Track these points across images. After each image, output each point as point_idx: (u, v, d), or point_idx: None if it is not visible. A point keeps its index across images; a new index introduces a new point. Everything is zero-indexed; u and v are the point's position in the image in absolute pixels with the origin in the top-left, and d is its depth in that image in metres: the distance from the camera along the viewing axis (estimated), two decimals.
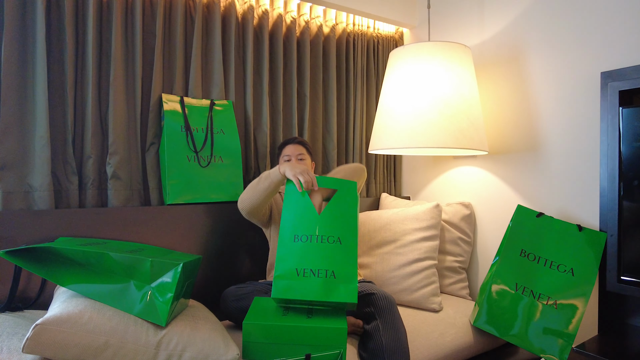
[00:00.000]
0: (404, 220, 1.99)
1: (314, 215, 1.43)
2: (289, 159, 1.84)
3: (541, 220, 1.70)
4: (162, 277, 1.21)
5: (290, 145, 1.87)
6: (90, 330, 1.07)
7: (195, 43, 1.87)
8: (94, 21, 1.64)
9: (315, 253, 1.38)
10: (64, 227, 1.50)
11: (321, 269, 1.37)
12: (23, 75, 1.53)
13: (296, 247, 1.39)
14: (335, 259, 1.38)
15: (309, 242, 1.39)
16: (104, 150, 1.69)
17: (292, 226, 1.42)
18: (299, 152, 1.85)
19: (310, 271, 1.37)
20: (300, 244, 1.39)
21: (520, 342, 1.58)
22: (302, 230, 1.41)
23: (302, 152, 1.85)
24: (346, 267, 1.37)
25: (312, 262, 1.37)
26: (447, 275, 2.06)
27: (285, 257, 1.39)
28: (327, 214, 1.43)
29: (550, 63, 1.88)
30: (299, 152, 1.85)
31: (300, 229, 1.41)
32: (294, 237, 1.40)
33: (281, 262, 1.38)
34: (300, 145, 1.88)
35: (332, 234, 1.40)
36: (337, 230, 1.41)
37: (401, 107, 1.88)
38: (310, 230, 1.41)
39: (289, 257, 1.38)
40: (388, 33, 2.55)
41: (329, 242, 1.39)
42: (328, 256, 1.38)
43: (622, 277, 1.55)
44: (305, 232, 1.40)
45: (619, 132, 1.57)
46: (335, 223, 1.42)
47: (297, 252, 1.38)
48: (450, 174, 2.31)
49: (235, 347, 1.21)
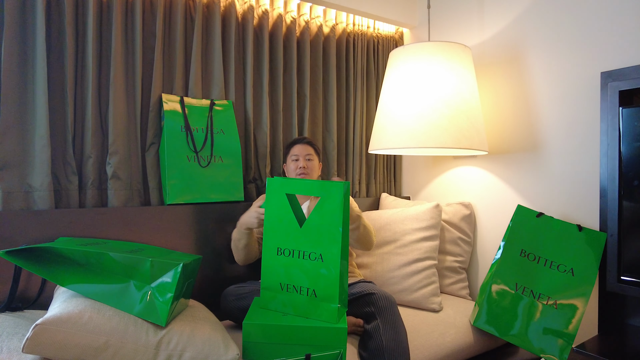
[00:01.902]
0: (404, 220, 1.99)
1: (296, 228, 1.35)
2: (296, 159, 1.82)
3: (541, 220, 1.70)
4: (162, 277, 1.21)
5: (299, 145, 1.85)
6: (90, 330, 1.07)
7: (195, 43, 1.87)
8: (94, 21, 1.64)
9: (297, 269, 1.35)
10: (64, 227, 1.50)
11: (303, 287, 1.35)
12: (23, 75, 1.53)
13: (280, 261, 1.37)
14: (317, 278, 1.33)
15: (291, 257, 1.36)
16: (104, 150, 1.69)
17: (275, 238, 1.38)
18: (307, 153, 1.83)
19: (293, 287, 1.36)
20: (283, 258, 1.37)
21: (520, 342, 1.58)
22: (284, 243, 1.37)
23: (310, 153, 1.84)
24: (327, 287, 1.31)
25: (294, 279, 1.36)
26: (447, 275, 2.06)
27: (270, 270, 1.38)
28: (309, 227, 1.34)
29: (550, 63, 1.88)
30: (307, 152, 1.83)
31: (283, 242, 1.37)
32: (277, 249, 1.38)
33: (266, 274, 1.39)
34: (309, 145, 1.86)
35: (314, 249, 1.33)
36: (319, 246, 1.32)
37: (401, 107, 1.88)
38: (292, 244, 1.36)
39: (274, 270, 1.38)
40: (388, 33, 2.55)
41: (310, 259, 1.33)
42: (310, 274, 1.34)
43: (622, 277, 1.55)
44: (288, 246, 1.36)
45: (619, 132, 1.57)
46: (317, 237, 1.33)
47: (280, 266, 1.37)
48: (450, 174, 2.31)
49: (235, 347, 1.21)
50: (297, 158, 1.82)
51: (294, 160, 1.83)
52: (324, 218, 1.32)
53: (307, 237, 1.34)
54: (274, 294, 1.38)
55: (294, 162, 1.83)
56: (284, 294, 1.37)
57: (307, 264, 1.34)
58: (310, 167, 1.81)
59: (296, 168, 1.81)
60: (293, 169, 1.82)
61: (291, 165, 1.83)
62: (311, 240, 1.33)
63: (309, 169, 1.80)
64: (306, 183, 1.37)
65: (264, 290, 1.39)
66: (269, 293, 1.39)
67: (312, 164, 1.83)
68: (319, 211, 1.32)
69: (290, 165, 1.84)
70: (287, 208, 1.37)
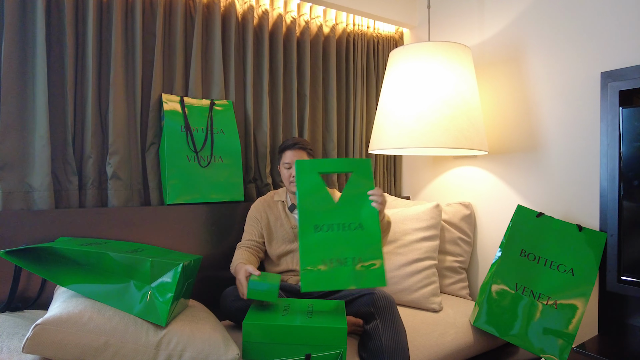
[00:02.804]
0: (404, 220, 1.99)
1: (331, 204, 1.40)
2: (289, 167, 1.74)
3: (541, 220, 1.70)
4: (162, 277, 1.21)
5: (291, 151, 1.74)
6: (90, 330, 1.07)
7: (195, 43, 1.87)
8: (94, 21, 1.64)
9: (339, 242, 1.37)
10: (64, 227, 1.50)
11: (348, 257, 1.36)
12: (23, 75, 1.53)
13: (318, 237, 1.37)
14: (360, 245, 1.37)
15: (331, 231, 1.38)
16: (104, 150, 1.69)
17: (311, 217, 1.38)
18: None
19: (337, 260, 1.35)
20: (322, 234, 1.37)
21: (520, 342, 1.58)
22: (322, 220, 1.38)
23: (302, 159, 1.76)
24: (372, 252, 1.36)
25: (337, 251, 1.36)
26: (447, 275, 2.06)
27: (310, 249, 1.35)
28: (345, 200, 1.41)
29: (550, 63, 1.88)
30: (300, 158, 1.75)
31: (320, 218, 1.39)
32: (315, 227, 1.38)
33: (307, 254, 1.35)
34: (302, 150, 1.75)
35: (353, 220, 1.39)
36: (357, 216, 1.39)
37: (401, 107, 1.88)
38: (330, 219, 1.39)
39: (314, 248, 1.36)
40: (388, 33, 2.55)
41: (351, 229, 1.38)
42: (352, 243, 1.37)
43: (622, 277, 1.55)
44: (325, 222, 1.38)
45: (619, 132, 1.57)
46: (354, 208, 1.40)
47: (320, 243, 1.36)
48: (450, 174, 2.31)
49: (235, 347, 1.21)
50: (289, 166, 1.73)
51: (286, 169, 1.74)
52: (358, 189, 1.42)
53: (344, 210, 1.40)
54: (317, 274, 1.34)
55: (286, 169, 1.74)
56: (326, 271, 1.34)
57: (348, 234, 1.38)
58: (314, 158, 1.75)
59: (289, 177, 1.73)
60: (287, 177, 1.75)
61: (284, 172, 1.76)
62: (348, 212, 1.39)
63: None
64: (336, 162, 1.46)
65: (305, 272, 1.33)
66: (311, 274, 1.33)
67: None
68: (353, 184, 1.42)
69: (283, 171, 1.77)
70: (321, 186, 1.41)
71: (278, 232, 1.75)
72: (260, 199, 1.83)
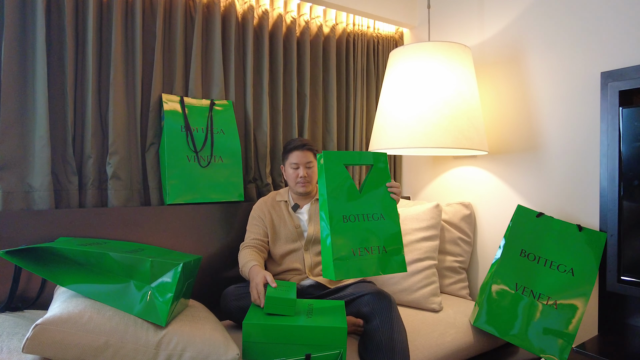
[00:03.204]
0: (404, 220, 1.99)
1: (357, 195, 1.47)
2: (296, 167, 1.74)
3: (541, 220, 1.70)
4: (162, 277, 1.21)
5: (299, 152, 1.74)
6: (90, 330, 1.07)
7: (195, 43, 1.87)
8: (94, 21, 1.64)
9: (365, 231, 1.44)
10: (64, 227, 1.50)
11: (374, 246, 1.44)
12: (23, 75, 1.54)
13: (347, 227, 1.43)
14: (383, 234, 1.46)
15: (358, 221, 1.44)
16: (104, 150, 1.69)
17: (340, 207, 1.44)
18: (307, 161, 1.74)
19: (365, 250, 1.43)
20: (350, 224, 1.43)
21: (520, 342, 1.58)
22: (349, 210, 1.45)
23: (310, 160, 1.75)
24: (393, 241, 1.47)
25: (365, 241, 1.43)
26: (447, 275, 2.06)
27: (341, 239, 1.41)
28: (368, 192, 1.48)
29: (550, 63, 1.88)
30: (308, 160, 1.74)
31: (347, 209, 1.45)
32: (343, 217, 1.43)
33: (337, 244, 1.40)
34: (309, 151, 1.76)
35: (376, 211, 1.47)
36: (379, 207, 1.48)
37: (401, 107, 1.88)
38: (356, 209, 1.45)
39: (344, 238, 1.41)
40: (388, 33, 2.55)
41: (374, 220, 1.46)
42: (377, 233, 1.46)
43: (622, 277, 1.55)
44: (353, 212, 1.45)
45: (619, 132, 1.57)
46: (376, 200, 1.48)
47: (350, 233, 1.42)
48: (450, 174, 2.31)
49: (235, 347, 1.21)
50: (297, 166, 1.74)
51: (293, 169, 1.75)
52: (378, 181, 1.49)
53: (368, 201, 1.47)
54: (346, 263, 1.39)
55: (293, 170, 1.75)
56: (356, 260, 1.41)
57: (372, 224, 1.45)
58: (310, 175, 1.75)
59: (297, 177, 1.74)
60: (293, 177, 1.75)
61: (291, 172, 1.76)
62: (371, 203, 1.47)
63: (309, 177, 1.74)
64: (358, 155, 1.52)
65: (337, 262, 1.38)
66: (342, 263, 1.38)
67: (313, 171, 1.76)
68: (373, 176, 1.49)
69: (289, 171, 1.77)
70: (347, 177, 1.46)
71: (282, 231, 1.76)
72: (262, 199, 1.83)
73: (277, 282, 1.47)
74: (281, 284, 1.47)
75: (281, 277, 1.76)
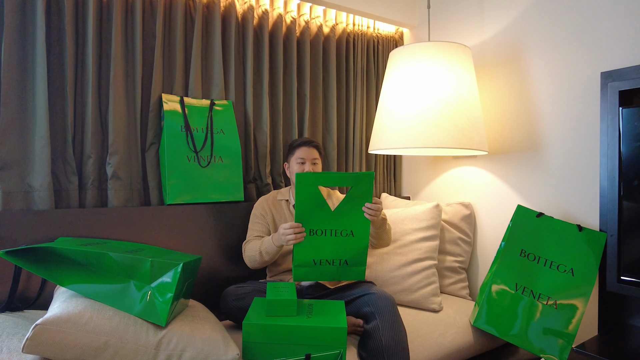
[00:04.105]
0: (404, 221, 1.99)
1: (328, 212, 1.52)
2: (302, 162, 1.78)
3: (541, 220, 1.70)
4: (162, 277, 1.21)
5: (306, 147, 1.80)
6: (90, 330, 1.07)
7: (195, 43, 1.87)
8: (94, 21, 1.64)
9: (329, 246, 1.53)
10: (64, 227, 1.50)
11: (335, 259, 1.55)
12: (23, 75, 1.53)
13: (312, 240, 1.53)
14: (348, 250, 1.54)
15: (324, 236, 1.53)
16: (104, 150, 1.69)
17: (308, 223, 1.52)
18: (314, 157, 1.79)
19: (325, 261, 1.55)
20: (315, 237, 1.53)
21: (520, 342, 1.58)
22: (317, 225, 1.52)
23: (316, 157, 1.80)
24: (357, 255, 1.55)
25: (327, 254, 1.54)
26: (447, 275, 2.06)
27: (303, 250, 1.53)
28: (342, 211, 1.52)
29: (550, 63, 1.88)
30: (314, 156, 1.79)
31: (316, 224, 1.52)
32: (310, 231, 1.52)
33: (300, 253, 1.53)
34: (316, 149, 1.81)
35: (345, 227, 1.53)
36: (350, 225, 1.53)
37: (401, 107, 1.88)
38: (325, 225, 1.52)
39: (307, 249, 1.53)
40: (388, 33, 2.55)
41: (342, 236, 1.53)
42: (341, 247, 1.54)
43: (622, 277, 1.55)
44: (320, 227, 1.53)
45: (619, 132, 1.57)
46: (349, 218, 1.52)
47: (313, 245, 1.53)
48: (450, 174, 2.31)
49: (235, 347, 1.21)
50: (303, 161, 1.78)
51: (299, 164, 1.78)
52: (356, 202, 1.51)
53: (339, 219, 1.53)
54: (307, 269, 1.55)
55: (299, 165, 1.78)
56: (316, 267, 1.55)
57: (338, 240, 1.53)
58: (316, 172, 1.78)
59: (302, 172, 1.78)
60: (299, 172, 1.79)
61: (296, 167, 1.79)
62: (343, 221, 1.53)
63: None
64: (337, 176, 1.53)
65: (297, 268, 1.54)
66: (302, 269, 1.55)
67: (318, 167, 1.80)
68: (352, 197, 1.51)
69: (294, 167, 1.80)
70: (319, 198, 1.51)
71: None
72: (263, 197, 1.84)
73: (277, 284, 1.49)
74: (280, 285, 1.47)
75: (281, 277, 1.76)
